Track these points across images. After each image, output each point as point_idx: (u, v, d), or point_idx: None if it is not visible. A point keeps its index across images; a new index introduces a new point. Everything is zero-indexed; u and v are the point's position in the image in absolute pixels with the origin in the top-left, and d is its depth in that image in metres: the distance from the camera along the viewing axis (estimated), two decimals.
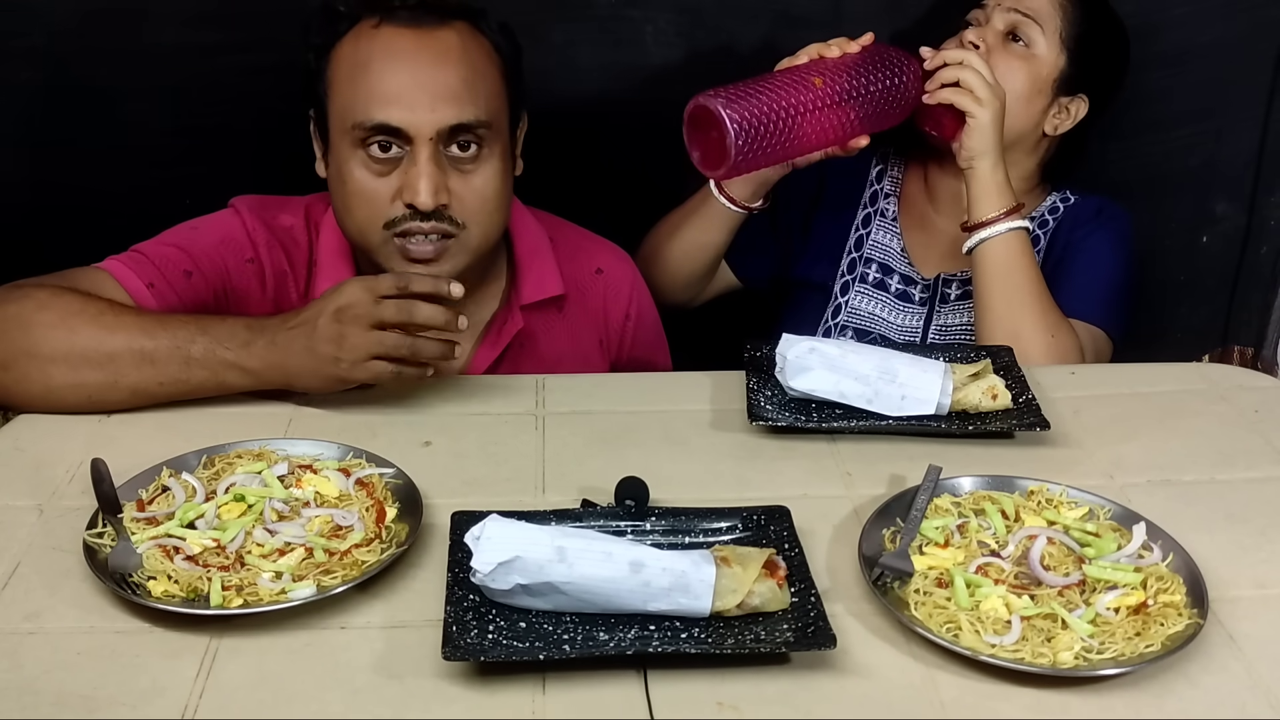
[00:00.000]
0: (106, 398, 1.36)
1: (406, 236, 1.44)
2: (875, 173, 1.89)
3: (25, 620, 1.07)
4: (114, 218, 1.96)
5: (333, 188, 1.50)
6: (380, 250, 1.47)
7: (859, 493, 1.27)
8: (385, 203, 1.44)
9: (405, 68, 1.42)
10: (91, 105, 1.89)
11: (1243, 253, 2.16)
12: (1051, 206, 1.83)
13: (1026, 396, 1.41)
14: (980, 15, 1.74)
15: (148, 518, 1.17)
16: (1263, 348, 2.22)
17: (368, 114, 1.41)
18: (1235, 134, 2.05)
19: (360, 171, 1.44)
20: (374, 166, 1.44)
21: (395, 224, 1.44)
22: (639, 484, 1.20)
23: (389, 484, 1.24)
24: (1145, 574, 1.11)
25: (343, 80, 1.44)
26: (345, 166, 1.45)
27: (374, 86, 1.41)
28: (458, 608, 1.05)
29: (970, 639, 1.04)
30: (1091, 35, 1.73)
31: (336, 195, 1.49)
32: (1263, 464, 1.34)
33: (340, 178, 1.46)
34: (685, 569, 1.05)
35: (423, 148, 1.41)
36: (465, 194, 1.45)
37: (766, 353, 1.47)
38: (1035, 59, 1.70)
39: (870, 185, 1.89)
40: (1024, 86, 1.70)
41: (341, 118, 1.44)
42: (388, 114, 1.41)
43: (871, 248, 1.86)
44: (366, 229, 1.46)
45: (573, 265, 1.65)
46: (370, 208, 1.44)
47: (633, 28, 1.91)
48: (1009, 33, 1.71)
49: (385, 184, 1.43)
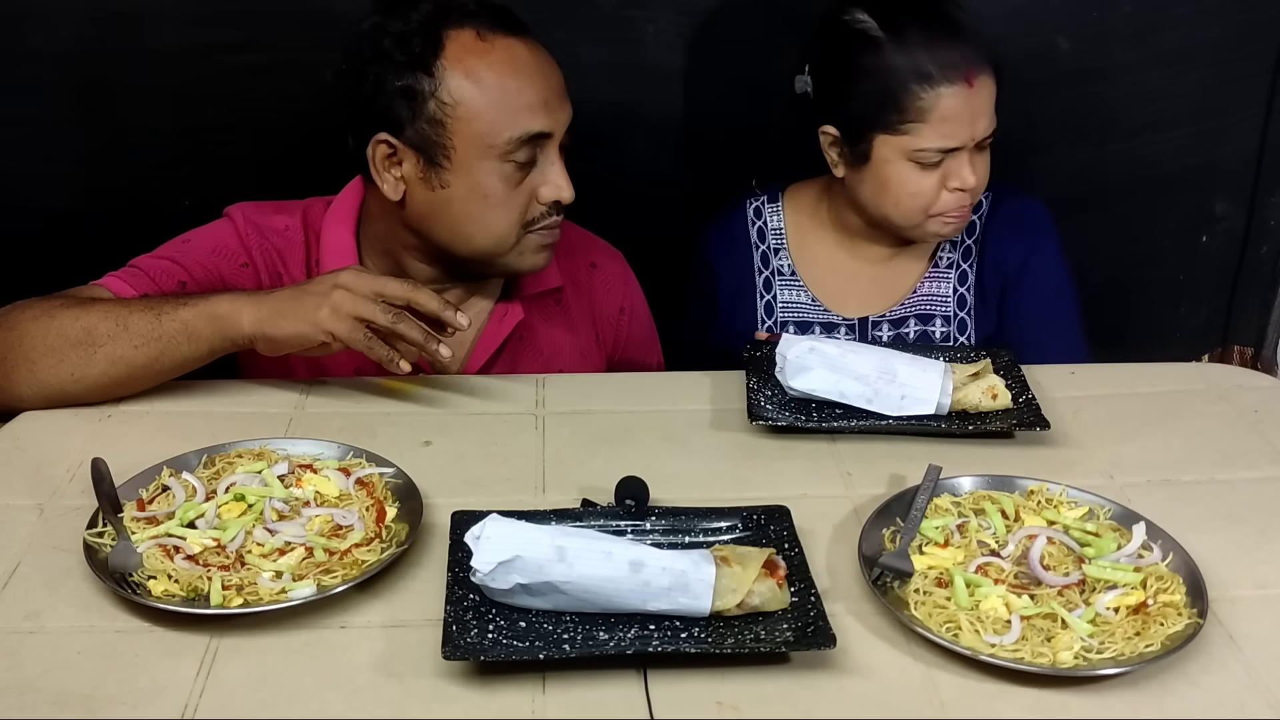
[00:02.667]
0: (86, 373, 1.36)
1: (532, 228, 1.50)
2: (755, 232, 1.80)
3: (25, 619, 1.07)
4: (114, 217, 1.97)
5: (458, 206, 1.47)
6: (513, 251, 1.50)
7: (859, 492, 1.27)
8: (524, 206, 1.48)
9: (538, 76, 1.45)
10: (92, 105, 1.89)
11: (1243, 253, 2.16)
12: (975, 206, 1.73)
13: (1026, 396, 1.41)
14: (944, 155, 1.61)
15: (148, 517, 1.17)
16: (1263, 348, 2.22)
17: (521, 126, 1.43)
18: (1235, 134, 2.05)
19: (503, 185, 1.46)
20: (516, 175, 1.46)
21: (535, 223, 1.49)
22: (639, 484, 1.20)
23: (389, 483, 1.24)
24: (1145, 574, 1.11)
25: (474, 100, 1.42)
26: (485, 181, 1.45)
27: (520, 100, 1.43)
28: (458, 607, 1.05)
29: (970, 639, 1.04)
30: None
31: (466, 212, 1.47)
32: (1262, 464, 1.34)
33: (479, 193, 1.46)
34: (685, 568, 1.05)
35: (555, 146, 1.48)
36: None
37: (766, 352, 1.47)
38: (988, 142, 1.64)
39: (755, 248, 1.79)
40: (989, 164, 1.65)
41: (483, 134, 1.43)
42: (540, 123, 1.45)
43: (782, 309, 1.78)
44: (507, 235, 1.49)
45: (569, 260, 1.67)
46: (514, 214, 1.48)
47: (633, 28, 1.91)
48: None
49: (524, 189, 1.47)
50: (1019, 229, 1.75)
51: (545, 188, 1.47)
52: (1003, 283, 1.72)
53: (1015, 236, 1.74)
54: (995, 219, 1.75)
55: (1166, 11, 1.94)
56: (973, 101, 1.57)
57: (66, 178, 1.94)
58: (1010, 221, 1.75)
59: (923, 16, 1.59)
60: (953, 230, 1.67)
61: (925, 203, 1.62)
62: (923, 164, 1.59)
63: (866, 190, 1.65)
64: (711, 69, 1.94)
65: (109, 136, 1.91)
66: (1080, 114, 2.00)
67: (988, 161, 1.64)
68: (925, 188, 1.61)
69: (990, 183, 1.74)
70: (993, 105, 1.59)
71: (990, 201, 1.76)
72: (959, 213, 1.63)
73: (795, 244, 1.78)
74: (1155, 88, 1.98)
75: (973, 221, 1.75)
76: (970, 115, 1.57)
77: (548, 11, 1.89)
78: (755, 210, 1.80)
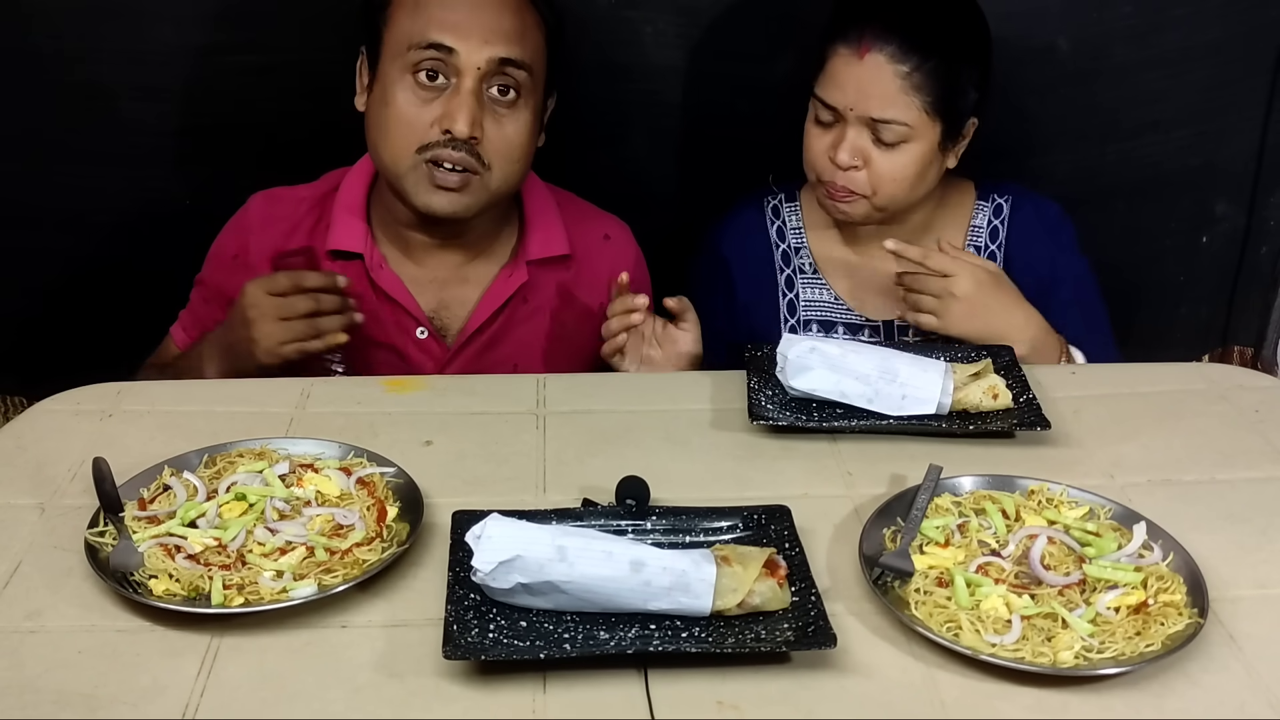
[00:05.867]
0: None
1: (436, 165, 1.53)
2: (774, 231, 1.79)
3: (26, 619, 1.07)
4: (114, 216, 1.97)
5: (373, 114, 1.57)
6: (408, 176, 1.55)
7: (859, 492, 1.27)
8: (423, 128, 1.52)
9: (466, 2, 1.52)
10: (92, 105, 1.89)
11: (1243, 253, 2.16)
12: (996, 209, 1.75)
13: (1027, 396, 1.41)
14: (835, 117, 1.62)
15: (149, 516, 1.17)
16: (1263, 348, 2.22)
17: (424, 34, 1.50)
18: (1235, 134, 2.05)
19: (405, 95, 1.53)
20: (420, 93, 1.52)
21: (427, 149, 1.53)
22: (640, 483, 1.20)
23: (390, 483, 1.24)
24: (1145, 573, 1.11)
25: (406, 8, 1.53)
26: (391, 90, 1.53)
27: (434, 13, 1.51)
28: (458, 607, 1.05)
29: (970, 638, 1.04)
30: (954, 84, 1.59)
31: (376, 120, 1.56)
32: (1263, 464, 1.34)
33: (384, 101, 1.54)
34: (686, 568, 1.06)
35: (468, 78, 1.51)
36: (496, 136, 1.54)
37: (767, 352, 1.47)
38: (910, 146, 1.60)
39: (775, 246, 1.79)
40: (911, 170, 1.62)
41: (398, 42, 1.52)
42: (443, 35, 1.50)
43: (805, 308, 1.77)
44: (400, 152, 1.54)
45: (581, 230, 1.73)
46: (408, 131, 1.53)
47: (632, 29, 1.91)
48: (874, 137, 1.60)
49: (427, 111, 1.52)
50: (1044, 232, 1.75)
51: (445, 117, 1.51)
52: (1036, 287, 1.66)
53: (1042, 240, 1.74)
54: (1018, 223, 1.75)
55: (1167, 12, 1.94)
56: (859, 73, 1.57)
57: (66, 178, 1.94)
58: (1034, 225, 1.75)
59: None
60: (834, 210, 1.68)
61: (812, 159, 1.65)
62: (818, 121, 1.63)
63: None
64: (711, 69, 1.94)
65: (109, 136, 1.91)
66: (1080, 114, 2.00)
67: (893, 164, 1.60)
68: (815, 144, 1.64)
69: (1004, 185, 1.76)
70: (892, 98, 1.57)
71: (1011, 205, 1.75)
72: (836, 191, 1.64)
73: (814, 242, 1.79)
74: (1155, 88, 1.98)
75: (995, 226, 1.75)
76: (855, 85, 1.58)
77: None
78: (773, 209, 1.81)
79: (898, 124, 1.58)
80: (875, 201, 1.64)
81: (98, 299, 2.02)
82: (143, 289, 1.94)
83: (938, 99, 1.58)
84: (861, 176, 1.62)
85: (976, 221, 1.76)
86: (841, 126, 1.61)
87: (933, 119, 1.59)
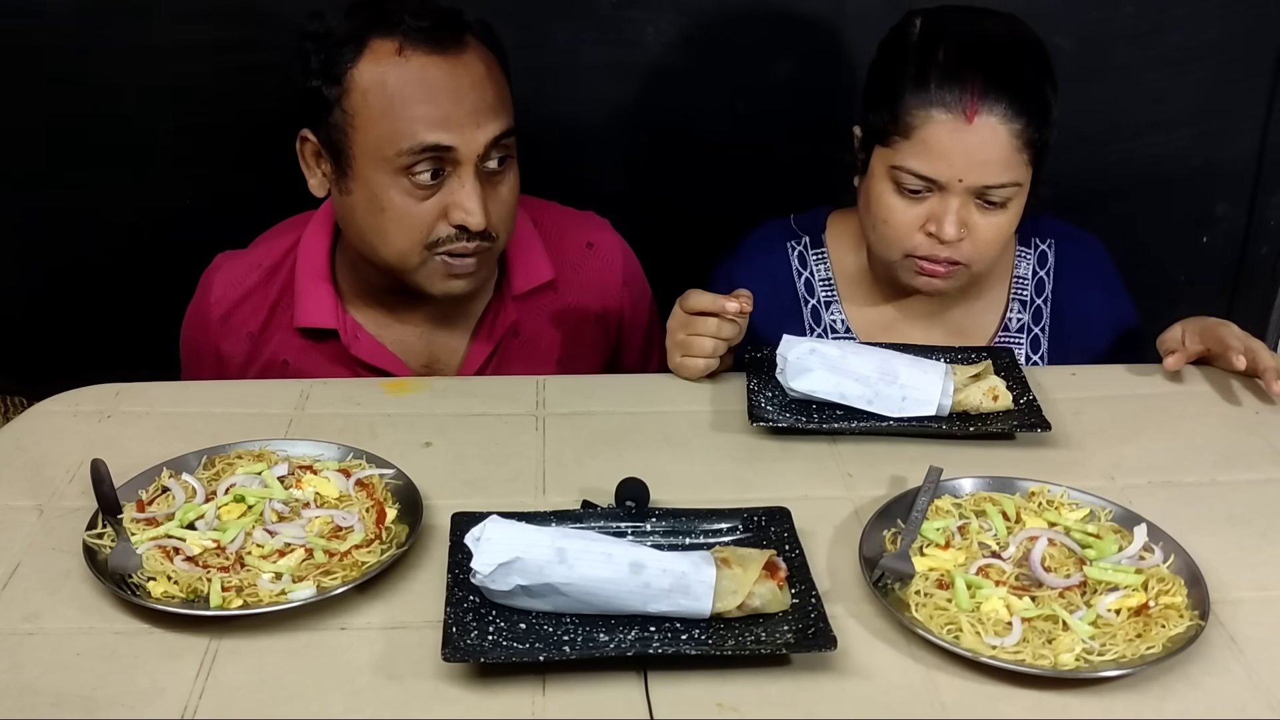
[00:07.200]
0: None
1: (450, 254, 1.47)
2: (802, 285, 1.64)
3: (25, 621, 1.07)
4: (114, 216, 1.97)
5: (361, 215, 1.47)
6: (419, 270, 1.48)
7: (860, 494, 1.27)
8: (429, 224, 1.45)
9: (446, 94, 1.41)
10: (92, 104, 1.89)
11: (1243, 253, 2.16)
12: (1040, 258, 1.65)
13: (1027, 398, 1.41)
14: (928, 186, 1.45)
15: (148, 518, 1.17)
16: None
17: (414, 137, 1.40)
18: (1235, 134, 2.05)
19: (403, 198, 1.43)
20: (418, 191, 1.43)
21: (439, 244, 1.46)
22: (639, 485, 1.20)
23: (389, 485, 1.24)
24: (1146, 575, 1.11)
25: (375, 111, 1.41)
26: (383, 194, 1.43)
27: (418, 111, 1.40)
28: (458, 609, 1.05)
29: (971, 640, 1.04)
30: (1050, 123, 1.46)
31: (368, 222, 1.46)
32: (1263, 465, 1.34)
33: (376, 205, 1.44)
34: (685, 570, 1.05)
35: (468, 167, 1.43)
36: (496, 206, 1.47)
37: (767, 354, 1.47)
38: (1014, 202, 1.47)
39: (804, 302, 1.63)
40: (1012, 228, 1.50)
41: (377, 148, 1.42)
42: (436, 135, 1.40)
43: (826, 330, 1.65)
44: (408, 251, 1.46)
45: (562, 244, 1.65)
46: (413, 231, 1.45)
47: (634, 28, 1.91)
48: (979, 201, 1.46)
49: (429, 206, 1.44)
50: (1092, 276, 1.65)
51: (454, 210, 1.44)
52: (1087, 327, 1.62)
53: (1094, 289, 1.65)
54: (1064, 273, 1.64)
55: (1168, 12, 1.94)
56: (966, 139, 1.40)
57: (66, 178, 1.94)
58: (1081, 271, 1.64)
59: (964, 38, 1.45)
60: (926, 285, 1.51)
61: (899, 235, 1.48)
62: (902, 188, 1.45)
63: (861, 205, 1.54)
64: (711, 69, 1.94)
65: (109, 135, 1.91)
66: (1081, 114, 2.00)
67: (996, 227, 1.46)
68: (901, 218, 1.47)
69: (1042, 224, 1.64)
70: (1006, 161, 1.42)
71: (1054, 252, 1.65)
72: (934, 267, 1.48)
73: (847, 298, 1.64)
74: (1156, 88, 1.98)
75: (1040, 278, 1.64)
76: (962, 153, 1.41)
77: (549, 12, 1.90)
78: (799, 257, 1.65)
79: (1011, 185, 1.44)
80: (975, 269, 1.50)
81: (98, 299, 2.02)
82: (143, 289, 1.94)
83: (1041, 147, 1.45)
84: (967, 246, 1.47)
85: (1020, 272, 1.65)
86: (941, 196, 1.45)
87: (1030, 167, 1.46)
